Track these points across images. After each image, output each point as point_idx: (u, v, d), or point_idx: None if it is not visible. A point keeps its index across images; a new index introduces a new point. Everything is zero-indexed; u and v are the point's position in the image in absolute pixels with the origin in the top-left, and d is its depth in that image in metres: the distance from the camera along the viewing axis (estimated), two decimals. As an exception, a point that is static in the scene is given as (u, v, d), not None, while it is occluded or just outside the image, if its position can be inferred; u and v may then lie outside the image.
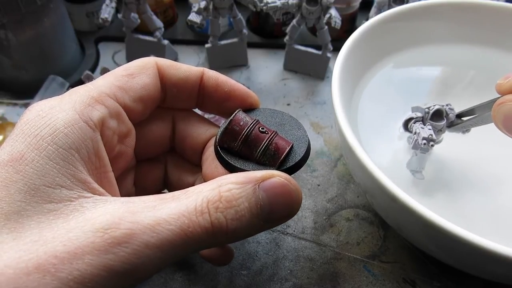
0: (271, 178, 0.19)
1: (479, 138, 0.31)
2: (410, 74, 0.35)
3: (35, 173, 0.17)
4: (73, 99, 0.19)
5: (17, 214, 0.16)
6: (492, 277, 0.24)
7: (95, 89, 0.19)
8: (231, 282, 0.28)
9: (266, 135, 0.23)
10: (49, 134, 0.17)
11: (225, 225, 0.17)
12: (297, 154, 0.24)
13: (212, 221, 0.17)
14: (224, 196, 0.18)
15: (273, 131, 0.23)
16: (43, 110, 0.18)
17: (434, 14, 0.34)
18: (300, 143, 0.24)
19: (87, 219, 0.16)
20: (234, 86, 0.24)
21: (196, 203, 0.17)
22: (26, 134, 0.17)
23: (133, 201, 0.17)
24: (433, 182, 0.30)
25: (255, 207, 0.18)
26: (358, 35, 0.31)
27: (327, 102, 0.40)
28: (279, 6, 0.37)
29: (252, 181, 0.19)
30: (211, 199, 0.18)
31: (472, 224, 0.28)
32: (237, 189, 0.18)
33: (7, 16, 0.35)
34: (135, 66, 0.21)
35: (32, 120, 0.18)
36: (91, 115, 0.19)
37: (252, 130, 0.23)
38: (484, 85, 0.35)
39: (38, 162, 0.17)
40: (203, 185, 0.18)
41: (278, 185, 0.19)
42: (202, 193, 0.18)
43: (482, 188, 0.30)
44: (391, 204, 0.22)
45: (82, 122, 0.18)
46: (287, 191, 0.19)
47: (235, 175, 0.19)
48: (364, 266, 0.29)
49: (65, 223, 0.16)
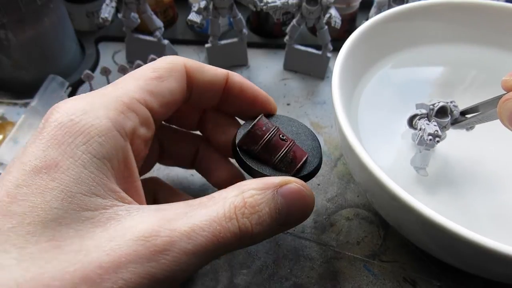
0: (288, 184, 0.20)
1: (482, 135, 0.31)
2: (410, 74, 0.35)
3: (71, 181, 0.16)
4: (105, 104, 0.18)
5: (55, 221, 0.16)
6: (492, 276, 0.24)
7: (126, 94, 0.19)
8: (231, 281, 0.28)
9: (286, 143, 0.24)
10: (84, 142, 0.17)
11: (250, 229, 0.18)
12: (311, 164, 0.25)
13: (239, 226, 0.18)
14: (248, 202, 0.19)
15: (291, 140, 0.24)
16: (75, 115, 0.17)
17: (434, 14, 0.34)
18: (314, 154, 0.25)
19: (126, 228, 0.16)
20: (257, 92, 0.25)
21: (224, 209, 0.18)
22: (60, 141, 0.17)
23: (164, 209, 0.18)
24: (436, 180, 0.30)
25: (275, 211, 0.19)
26: (358, 35, 0.31)
27: (327, 102, 0.40)
28: (279, 6, 0.37)
29: (271, 187, 0.20)
30: (237, 205, 0.18)
31: (476, 222, 0.28)
32: (258, 195, 0.19)
33: (7, 16, 0.35)
34: (164, 68, 0.21)
35: (66, 125, 0.17)
36: (123, 124, 0.19)
37: (274, 136, 0.24)
38: (484, 85, 0.35)
39: (73, 171, 0.17)
40: (226, 192, 0.19)
41: (295, 191, 0.20)
42: (228, 199, 0.19)
43: (486, 186, 0.30)
44: (391, 203, 0.22)
45: (115, 131, 0.18)
46: (303, 197, 0.20)
47: (255, 181, 0.20)
48: (364, 266, 0.29)
49: (104, 231, 0.16)
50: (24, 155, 0.17)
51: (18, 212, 0.16)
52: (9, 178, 0.16)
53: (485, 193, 0.29)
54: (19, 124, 0.36)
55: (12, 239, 0.15)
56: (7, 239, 0.15)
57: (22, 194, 0.16)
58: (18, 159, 0.17)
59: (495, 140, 0.31)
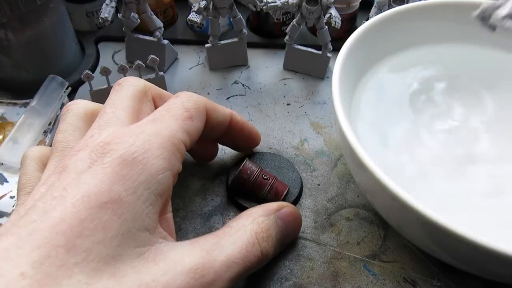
0: (283, 208, 0.25)
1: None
2: (411, 73, 0.35)
3: (132, 216, 0.17)
4: (161, 144, 0.20)
5: (114, 258, 0.16)
6: (493, 277, 0.24)
7: (175, 136, 0.21)
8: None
9: (268, 181, 0.30)
10: (145, 179, 0.18)
11: (269, 251, 0.22)
12: (292, 195, 0.31)
13: (261, 250, 0.21)
14: (263, 227, 0.22)
15: (273, 177, 0.30)
16: (138, 153, 0.18)
17: (435, 14, 0.34)
18: (295, 185, 0.31)
19: (175, 262, 0.18)
20: (251, 129, 0.30)
21: (247, 236, 0.21)
22: (124, 177, 0.18)
23: (197, 242, 0.20)
24: (436, 180, 0.30)
25: (279, 233, 0.23)
26: (358, 35, 0.31)
27: (327, 102, 0.40)
28: (279, 6, 0.37)
29: (272, 212, 0.23)
30: (257, 231, 0.21)
31: (479, 220, 0.28)
32: (266, 220, 0.22)
33: (7, 16, 0.35)
34: (194, 109, 0.23)
35: (130, 162, 0.18)
36: (174, 164, 0.20)
37: (257, 177, 0.29)
38: (484, 85, 0.35)
39: (134, 206, 0.17)
40: (241, 220, 0.22)
41: (290, 214, 0.24)
42: (246, 227, 0.21)
43: (488, 184, 0.30)
44: (391, 203, 0.22)
45: (169, 171, 0.19)
46: (296, 218, 0.25)
47: (260, 208, 0.23)
48: (365, 266, 0.29)
49: (156, 266, 0.17)
50: (83, 185, 0.17)
51: (83, 247, 0.16)
52: (71, 211, 0.16)
53: (486, 191, 0.29)
54: (19, 124, 0.36)
55: (77, 275, 0.15)
56: (71, 274, 0.15)
57: (88, 229, 0.16)
58: (76, 189, 0.17)
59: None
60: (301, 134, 0.37)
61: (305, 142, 0.36)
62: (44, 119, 0.37)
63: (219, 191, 0.32)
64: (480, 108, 0.34)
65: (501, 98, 0.34)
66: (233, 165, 0.33)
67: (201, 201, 0.32)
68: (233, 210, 0.31)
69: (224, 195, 0.32)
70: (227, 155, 0.35)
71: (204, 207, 0.31)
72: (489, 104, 0.34)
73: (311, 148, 0.36)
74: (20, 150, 0.34)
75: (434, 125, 0.33)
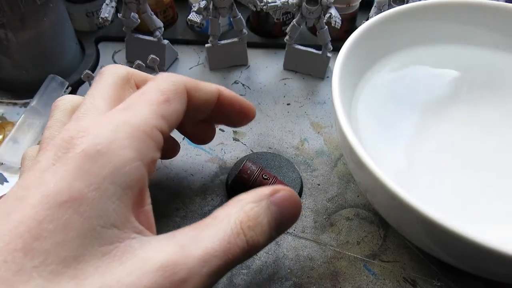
0: (278, 193, 0.21)
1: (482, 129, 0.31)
2: (411, 73, 0.35)
3: (95, 214, 0.16)
4: (129, 134, 0.18)
5: (75, 259, 0.16)
6: (493, 276, 0.24)
7: (146, 123, 0.19)
8: (231, 281, 0.28)
9: (268, 181, 0.30)
10: (110, 173, 0.17)
11: (256, 241, 0.19)
12: None
13: (247, 240, 0.19)
14: (251, 215, 0.19)
15: (274, 176, 0.30)
16: (102, 145, 0.17)
17: (435, 14, 0.34)
18: (295, 184, 0.32)
19: (143, 260, 0.16)
20: (243, 103, 0.27)
21: (231, 226, 0.19)
22: (87, 173, 0.17)
23: (173, 236, 0.18)
24: (436, 179, 0.30)
25: (272, 220, 0.20)
26: (358, 35, 0.31)
27: (327, 102, 0.40)
28: (279, 5, 0.37)
29: (264, 197, 0.21)
30: (242, 220, 0.19)
31: (481, 219, 0.28)
32: (256, 207, 0.20)
33: (7, 16, 0.35)
34: (170, 91, 0.21)
35: (92, 156, 0.17)
36: (146, 153, 0.19)
37: (257, 177, 0.29)
38: (485, 85, 0.35)
39: (98, 203, 0.16)
40: (227, 209, 0.20)
41: (286, 198, 0.21)
42: (231, 216, 0.19)
43: (488, 184, 0.30)
44: (391, 202, 0.22)
45: (139, 161, 0.18)
46: (293, 202, 0.22)
47: (249, 194, 0.21)
48: (365, 265, 0.29)
49: (121, 265, 0.16)
50: (44, 184, 0.16)
51: (41, 250, 0.15)
52: (30, 212, 0.16)
53: (488, 189, 0.29)
54: (19, 124, 0.36)
55: (34, 279, 0.15)
56: (29, 279, 0.15)
57: (46, 230, 0.15)
58: (37, 188, 0.16)
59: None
60: (301, 134, 0.37)
61: (305, 142, 0.36)
62: (44, 119, 0.37)
63: (219, 191, 0.32)
64: (481, 107, 0.34)
65: (501, 97, 0.34)
66: (233, 165, 0.33)
67: (201, 201, 0.32)
68: (233, 210, 0.31)
69: (224, 195, 0.32)
70: (227, 155, 0.35)
71: (204, 207, 0.31)
72: (490, 103, 0.34)
73: (311, 148, 0.36)
74: (20, 150, 0.34)
75: (434, 124, 0.33)
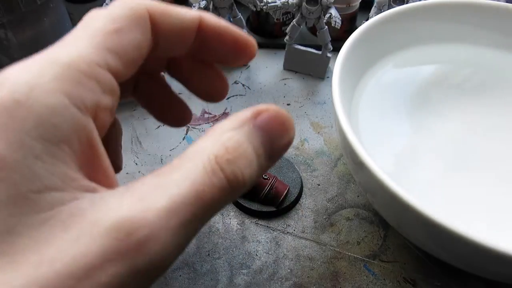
0: (262, 114, 0.17)
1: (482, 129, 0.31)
2: (410, 73, 0.35)
3: (21, 178, 0.13)
4: (57, 74, 0.14)
5: (6, 233, 0.13)
6: (493, 276, 0.24)
7: (82, 58, 0.15)
8: (231, 281, 0.28)
9: (268, 181, 0.30)
10: (34, 126, 0.14)
11: (241, 176, 0.15)
12: (292, 195, 0.31)
13: (227, 177, 0.15)
14: (229, 146, 0.15)
15: (273, 177, 0.30)
16: (20, 93, 0.14)
17: (435, 14, 0.34)
18: (295, 184, 0.31)
19: (93, 222, 0.13)
20: (237, 35, 0.21)
21: (204, 164, 0.15)
22: (5, 130, 0.13)
23: (132, 187, 0.15)
24: (436, 179, 0.30)
25: (259, 147, 0.16)
26: (358, 35, 0.31)
27: (327, 102, 0.40)
28: (279, 5, 0.37)
29: (245, 121, 0.16)
30: (218, 154, 0.15)
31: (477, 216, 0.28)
32: (237, 135, 0.16)
33: (7, 16, 0.35)
34: (124, 18, 0.17)
35: (9, 109, 0.13)
36: (83, 97, 0.15)
37: None
38: (485, 85, 0.35)
39: (23, 165, 0.13)
40: (199, 143, 0.16)
41: (273, 118, 0.17)
42: (204, 151, 0.15)
43: (489, 183, 0.30)
44: (391, 202, 0.22)
45: (74, 108, 0.14)
46: (281, 122, 0.17)
47: (227, 121, 0.17)
48: (365, 266, 0.29)
49: (65, 232, 0.13)
50: None
51: None
52: None
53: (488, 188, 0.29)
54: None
55: None
56: None
57: None
58: None
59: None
60: (301, 134, 0.37)
61: (305, 142, 0.36)
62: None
63: (219, 191, 0.32)
64: (481, 107, 0.34)
65: (501, 97, 0.34)
66: None
67: (201, 201, 0.32)
68: (233, 210, 0.31)
69: (224, 195, 0.32)
70: (227, 155, 0.35)
71: (204, 207, 0.31)
72: (490, 103, 0.34)
73: (311, 148, 0.36)
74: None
75: (434, 124, 0.33)
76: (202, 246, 0.29)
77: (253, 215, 0.31)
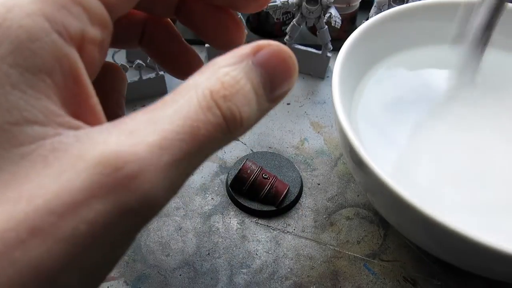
0: (262, 50, 0.16)
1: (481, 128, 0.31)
2: (410, 73, 0.35)
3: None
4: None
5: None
6: (493, 276, 0.24)
7: None
8: (231, 280, 0.28)
9: (268, 180, 0.30)
10: (10, 51, 0.12)
11: (237, 114, 0.14)
12: (292, 194, 0.31)
13: (223, 114, 0.14)
14: (226, 82, 0.14)
15: (273, 176, 0.31)
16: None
17: (435, 14, 0.34)
18: (295, 184, 0.32)
19: (76, 157, 0.12)
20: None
21: (198, 99, 0.14)
22: None
23: (121, 122, 0.13)
24: (436, 179, 0.30)
25: (258, 86, 0.15)
26: (358, 35, 0.31)
27: (327, 102, 0.40)
28: (279, 5, 0.37)
29: (244, 57, 0.15)
30: (214, 89, 0.14)
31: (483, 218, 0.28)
32: (234, 70, 0.15)
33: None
34: None
35: None
36: (66, 23, 0.13)
37: (257, 176, 0.30)
38: (486, 86, 0.35)
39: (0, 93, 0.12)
40: (194, 78, 0.15)
41: (273, 54, 0.16)
42: (199, 86, 0.14)
43: (489, 183, 0.30)
44: (391, 201, 0.22)
45: (55, 34, 0.13)
46: (283, 59, 0.16)
47: (225, 57, 0.15)
48: (365, 265, 0.29)
49: (47, 167, 0.12)
50: None
51: None
52: None
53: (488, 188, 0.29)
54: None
55: None
56: None
57: None
58: None
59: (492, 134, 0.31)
60: (301, 133, 0.37)
61: (305, 141, 0.36)
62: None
63: (219, 190, 0.32)
64: (482, 107, 0.34)
65: (502, 98, 0.34)
66: (233, 164, 0.33)
67: (201, 200, 0.32)
68: (233, 209, 0.31)
69: (224, 194, 0.32)
70: (227, 154, 0.35)
71: (204, 206, 0.31)
72: (490, 103, 0.34)
73: (311, 147, 0.36)
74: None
75: (434, 124, 0.33)
76: (202, 246, 0.29)
77: (253, 215, 0.31)
